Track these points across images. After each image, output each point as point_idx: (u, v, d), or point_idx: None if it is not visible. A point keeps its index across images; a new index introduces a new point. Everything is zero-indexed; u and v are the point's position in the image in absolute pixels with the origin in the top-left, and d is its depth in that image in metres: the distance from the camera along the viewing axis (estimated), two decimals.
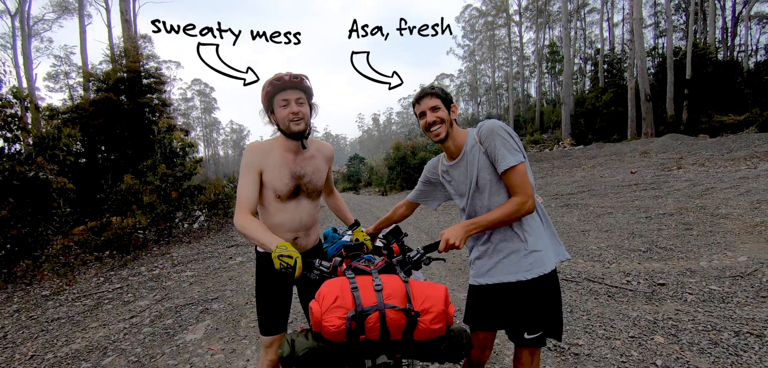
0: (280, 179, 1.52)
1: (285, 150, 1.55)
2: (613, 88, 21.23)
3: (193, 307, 3.76)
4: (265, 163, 1.51)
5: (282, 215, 1.56)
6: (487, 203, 1.44)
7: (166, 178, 8.22)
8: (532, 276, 1.39)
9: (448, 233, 1.35)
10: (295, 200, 1.58)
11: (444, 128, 1.44)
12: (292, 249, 1.22)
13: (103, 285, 4.87)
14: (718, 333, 2.45)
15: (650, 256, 4.23)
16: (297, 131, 1.49)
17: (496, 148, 1.36)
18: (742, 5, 25.06)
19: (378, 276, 1.17)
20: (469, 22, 42.58)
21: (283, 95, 1.48)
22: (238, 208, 1.45)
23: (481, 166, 1.42)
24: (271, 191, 1.53)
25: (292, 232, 1.59)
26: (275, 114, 1.51)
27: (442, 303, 1.11)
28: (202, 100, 57.60)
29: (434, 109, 1.44)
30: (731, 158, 10.69)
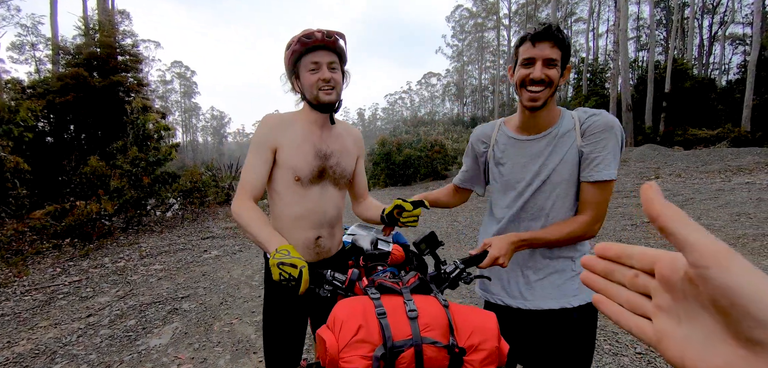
0: (303, 157, 1.23)
1: (310, 122, 1.27)
2: (595, 97, 21.73)
3: (160, 306, 3.40)
4: (282, 138, 1.22)
5: (303, 204, 1.25)
6: (545, 207, 1.13)
7: (137, 162, 7.68)
8: (579, 302, 1.11)
9: (497, 249, 1.06)
10: (319, 185, 1.28)
11: (547, 93, 1.06)
12: (296, 255, 0.95)
13: (59, 277, 4.41)
14: None
15: None
16: (327, 101, 1.21)
17: (605, 149, 1.04)
18: (718, 26, 26.16)
19: (411, 297, 0.89)
20: (459, 22, 42.75)
21: (312, 56, 1.19)
22: (239, 192, 1.19)
23: (567, 159, 1.09)
24: (290, 173, 1.23)
25: (315, 228, 1.28)
26: (301, 80, 1.23)
27: (495, 337, 0.86)
28: (183, 83, 55.51)
29: (549, 62, 1.03)
30: (706, 171, 11.02)
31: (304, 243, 1.27)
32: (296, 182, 1.23)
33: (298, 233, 1.26)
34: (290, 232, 1.26)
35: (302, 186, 1.24)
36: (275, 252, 0.95)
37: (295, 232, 1.26)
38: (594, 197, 1.07)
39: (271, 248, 0.99)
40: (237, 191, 1.20)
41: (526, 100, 1.07)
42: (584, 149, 1.07)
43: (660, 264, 0.28)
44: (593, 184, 1.06)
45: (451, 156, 17.86)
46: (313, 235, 1.28)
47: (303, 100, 1.28)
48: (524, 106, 1.09)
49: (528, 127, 1.16)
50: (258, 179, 1.20)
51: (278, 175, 1.25)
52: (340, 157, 1.31)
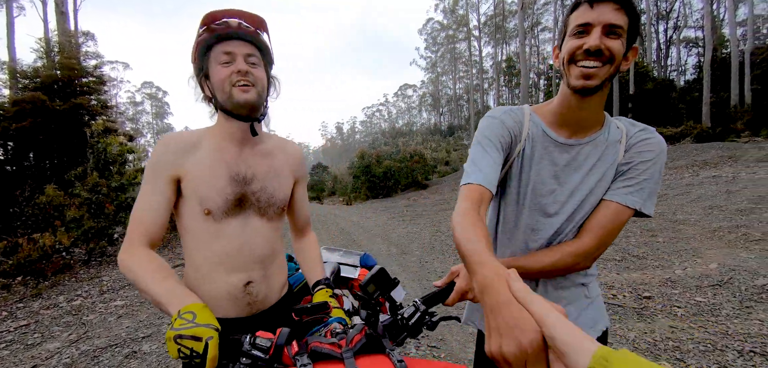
0: (213, 184, 0.94)
1: (222, 139, 0.98)
2: None
3: (118, 349, 3.04)
4: (186, 163, 0.93)
5: (220, 243, 0.95)
6: (563, 230, 0.90)
7: (98, 188, 7.16)
8: (597, 334, 0.94)
9: (464, 280, 0.86)
10: (238, 217, 0.97)
11: (606, 72, 0.78)
12: (205, 320, 0.72)
13: (4, 323, 3.93)
14: (723, 353, 2.27)
15: (627, 266, 4.14)
16: (244, 101, 0.92)
17: (645, 174, 0.84)
18: (672, 30, 27.84)
19: (354, 361, 0.69)
20: (431, 34, 43.65)
21: (225, 45, 0.92)
22: (128, 237, 0.91)
23: (608, 177, 0.87)
24: (197, 205, 0.94)
25: (240, 271, 0.98)
26: (211, 78, 0.94)
27: None
28: (154, 104, 53.69)
29: (612, 30, 0.76)
30: (674, 167, 11.46)
31: (229, 293, 0.97)
32: (207, 217, 0.94)
33: (218, 281, 0.96)
34: (209, 280, 0.97)
35: (215, 221, 0.94)
36: (176, 318, 0.71)
37: (215, 279, 0.96)
38: (605, 220, 0.84)
39: (172, 310, 0.75)
40: (126, 236, 0.91)
41: (576, 77, 0.79)
42: (623, 168, 0.86)
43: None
44: (611, 204, 0.85)
45: (430, 165, 17.91)
46: (240, 280, 0.98)
47: (216, 109, 0.99)
48: (572, 87, 0.81)
49: (569, 124, 0.88)
50: (154, 218, 0.91)
51: (185, 209, 0.96)
52: (266, 180, 1.02)
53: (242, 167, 0.98)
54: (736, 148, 11.59)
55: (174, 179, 0.93)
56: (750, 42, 16.50)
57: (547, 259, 0.86)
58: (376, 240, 7.13)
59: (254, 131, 0.99)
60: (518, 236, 0.94)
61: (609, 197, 0.86)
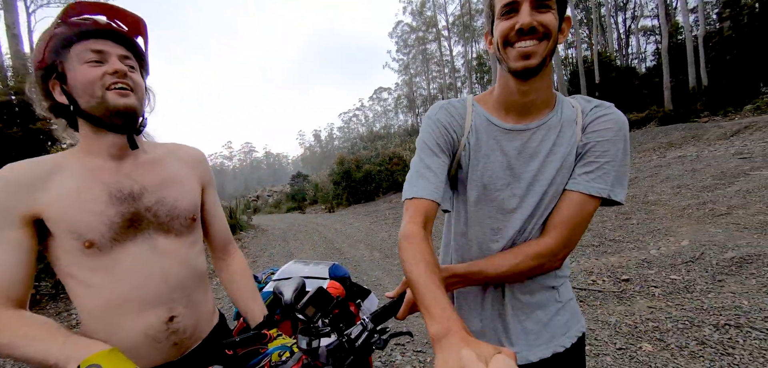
0: (87, 209, 0.75)
1: (93, 156, 0.81)
2: None
3: None
4: (41, 196, 0.74)
5: (119, 279, 0.77)
6: (526, 228, 0.82)
7: None
8: (572, 340, 0.86)
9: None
10: (135, 241, 0.80)
11: (545, 48, 0.72)
12: (118, 366, 0.62)
13: None
14: (700, 329, 2.32)
15: (604, 250, 4.23)
16: (123, 106, 0.77)
17: (609, 155, 0.76)
18: (630, 20, 29.22)
19: None
20: (402, 37, 44.00)
21: (92, 43, 0.76)
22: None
23: (568, 163, 0.78)
24: (72, 240, 0.74)
25: (155, 306, 0.80)
26: (70, 82, 0.76)
27: None
28: None
29: (541, 4, 0.70)
30: (643, 150, 11.94)
31: (148, 335, 0.80)
32: (89, 250, 0.75)
33: (130, 325, 0.78)
34: (117, 327, 0.78)
35: (103, 253, 0.76)
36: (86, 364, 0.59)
37: (125, 323, 0.78)
38: (569, 213, 0.77)
39: (73, 365, 0.62)
40: None
41: (515, 59, 0.72)
42: (581, 151, 0.79)
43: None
44: (575, 194, 0.77)
45: (409, 167, 17.99)
46: (160, 318, 0.80)
47: (76, 118, 0.81)
48: (513, 70, 0.74)
49: (514, 109, 0.80)
50: (11, 274, 0.71)
51: (59, 251, 0.76)
52: (162, 190, 0.86)
53: (126, 183, 0.81)
54: (698, 128, 12.20)
55: (28, 219, 0.73)
56: (702, 27, 17.48)
57: (507, 262, 0.78)
58: (359, 246, 7.03)
59: (134, 143, 0.83)
60: (477, 238, 0.86)
61: (571, 187, 0.78)
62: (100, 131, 0.80)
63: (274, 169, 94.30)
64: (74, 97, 0.77)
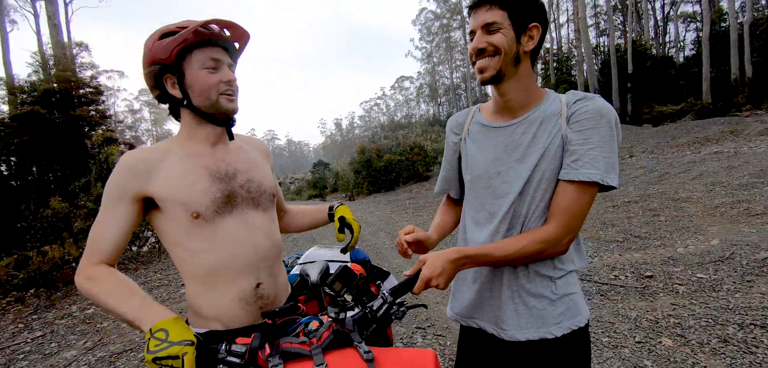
0: (193, 187, 0.91)
1: (194, 144, 0.97)
2: (564, 85, 22.38)
3: (133, 354, 3.12)
4: (153, 180, 0.89)
5: (219, 247, 0.92)
6: (521, 212, 0.91)
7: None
8: (564, 331, 0.90)
9: (429, 269, 0.85)
10: (232, 215, 0.94)
11: (495, 63, 0.88)
12: (180, 334, 0.73)
13: (21, 334, 4.02)
14: (723, 327, 2.32)
15: (629, 246, 4.18)
16: (231, 109, 0.95)
17: (588, 142, 0.84)
18: (669, 6, 27.55)
19: (323, 357, 0.73)
20: (425, 24, 43.32)
21: (210, 51, 0.90)
22: (85, 258, 0.88)
23: (550, 152, 0.88)
24: (183, 212, 0.89)
25: (248, 273, 0.95)
26: (188, 81, 0.91)
27: None
28: (152, 111, 53.62)
29: (489, 28, 0.87)
30: (676, 145, 11.44)
31: (240, 299, 0.94)
32: (196, 221, 0.90)
33: (226, 289, 0.93)
34: (215, 290, 0.93)
35: (207, 223, 0.91)
36: (150, 338, 0.72)
37: (222, 289, 0.93)
38: (566, 202, 0.85)
39: (145, 326, 0.75)
40: (83, 257, 0.88)
41: (477, 73, 0.92)
42: (569, 136, 0.87)
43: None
44: (569, 184, 0.85)
45: (431, 157, 17.91)
46: (250, 284, 0.95)
47: (182, 109, 0.96)
48: (479, 81, 0.94)
49: (502, 110, 0.96)
50: (113, 239, 0.87)
51: (169, 223, 0.91)
52: (250, 172, 1.01)
53: (221, 165, 0.97)
54: (738, 122, 11.54)
55: (139, 198, 0.89)
56: (749, 13, 16.32)
57: (513, 247, 0.87)
58: (380, 234, 7.19)
59: (231, 135, 1.01)
60: (474, 219, 1.00)
61: (563, 177, 0.86)
62: (202, 122, 0.96)
63: (296, 157, 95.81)
64: (188, 93, 0.92)
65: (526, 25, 0.88)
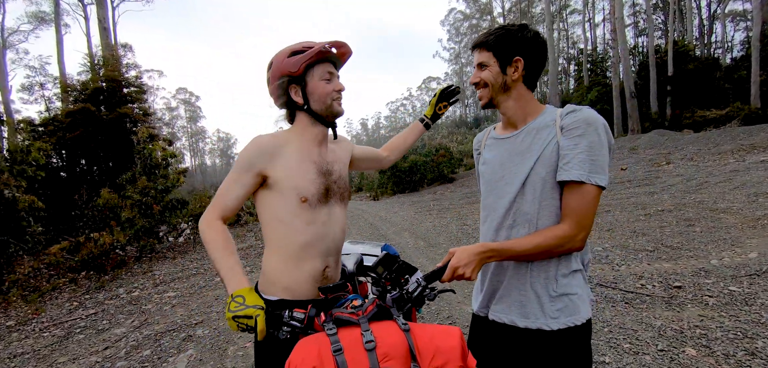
0: (306, 176, 1.12)
1: (307, 140, 1.17)
2: (598, 88, 21.52)
3: (175, 334, 3.41)
4: (275, 162, 1.10)
5: (313, 229, 1.12)
6: (529, 212, 1.02)
7: (146, 191, 7.78)
8: (559, 325, 0.99)
9: (457, 259, 0.98)
10: (326, 206, 1.16)
11: (487, 93, 1.09)
12: (254, 300, 0.92)
13: (76, 311, 4.46)
14: (753, 341, 2.27)
15: (659, 256, 4.07)
16: (340, 112, 1.18)
17: (577, 148, 0.96)
18: (716, 4, 25.84)
19: (368, 325, 0.87)
20: (454, 25, 42.91)
21: (327, 66, 1.14)
22: (211, 207, 1.11)
23: (545, 156, 1.00)
24: (294, 195, 1.10)
25: (323, 256, 1.15)
26: (309, 89, 1.13)
27: (458, 356, 0.82)
28: (188, 109, 56.36)
29: (480, 66, 1.09)
30: (718, 152, 10.80)
31: (311, 276, 1.14)
32: (303, 205, 1.11)
33: (305, 265, 1.13)
34: (296, 264, 1.13)
35: (310, 209, 1.12)
36: (230, 301, 0.91)
37: (302, 263, 1.13)
38: (573, 203, 0.96)
39: (229, 289, 0.96)
40: (209, 206, 1.12)
41: (480, 101, 1.14)
42: (563, 144, 0.99)
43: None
44: (567, 186, 0.97)
45: (456, 159, 17.80)
46: (321, 265, 1.15)
47: (299, 112, 1.18)
48: (481, 108, 1.19)
49: (505, 125, 1.16)
50: (233, 200, 1.11)
51: (279, 202, 1.11)
52: (341, 170, 1.24)
53: (324, 163, 1.17)
54: None
55: (260, 174, 1.10)
56: None
57: (533, 241, 0.98)
58: (404, 234, 7.30)
59: (336, 134, 1.24)
60: (486, 220, 1.16)
61: (558, 178, 0.99)
62: (315, 123, 1.17)
63: None
64: (309, 99, 1.14)
65: (511, 59, 1.05)
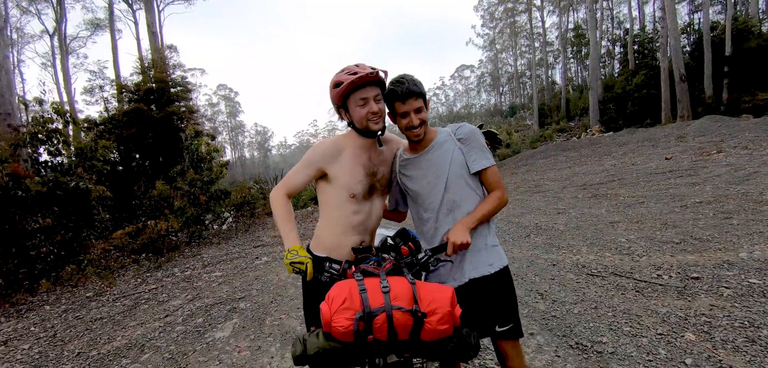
0: (355, 178, 1.46)
1: (358, 147, 1.49)
2: (644, 71, 20.15)
3: (222, 306, 3.93)
4: (331, 164, 1.46)
5: (357, 216, 1.50)
6: (456, 199, 1.44)
7: (194, 183, 8.59)
8: (495, 269, 1.44)
9: (453, 235, 1.33)
10: (370, 201, 1.52)
11: (424, 128, 1.44)
12: (303, 253, 1.31)
13: (140, 286, 5.18)
14: (757, 329, 2.31)
15: (684, 248, 4.01)
16: (377, 130, 1.45)
17: (474, 148, 1.44)
18: None
19: (386, 277, 1.18)
20: (488, 10, 41.59)
21: (360, 93, 1.40)
22: (281, 184, 1.50)
23: (455, 159, 1.44)
24: (344, 191, 1.46)
25: (361, 234, 1.52)
26: (350, 112, 1.43)
27: (449, 304, 1.12)
28: (228, 104, 59.41)
29: (418, 110, 1.39)
30: None
31: (350, 246, 1.48)
32: (351, 198, 1.47)
33: (347, 239, 1.49)
34: (340, 237, 1.50)
35: (357, 202, 1.48)
36: (287, 252, 1.31)
37: (345, 238, 1.49)
38: (491, 179, 1.45)
39: (286, 246, 1.36)
40: (280, 182, 1.51)
41: (412, 138, 1.45)
42: (464, 150, 1.44)
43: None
44: (484, 171, 1.44)
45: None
46: (359, 240, 1.52)
47: (350, 126, 1.50)
48: (410, 139, 1.48)
49: (417, 148, 1.50)
50: (297, 184, 1.49)
51: (333, 192, 1.49)
52: (385, 170, 1.56)
53: (371, 165, 1.51)
54: None
55: (320, 170, 1.48)
56: None
57: (491, 204, 1.43)
58: None
59: (381, 143, 1.52)
60: (423, 216, 1.53)
61: (482, 167, 1.43)
62: (361, 136, 1.49)
63: None
64: (352, 120, 1.46)
65: (426, 101, 1.44)
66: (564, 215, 6.40)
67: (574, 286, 3.39)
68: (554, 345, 2.44)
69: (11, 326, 4.12)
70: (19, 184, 5.74)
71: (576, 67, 37.93)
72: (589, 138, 18.84)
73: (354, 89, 1.39)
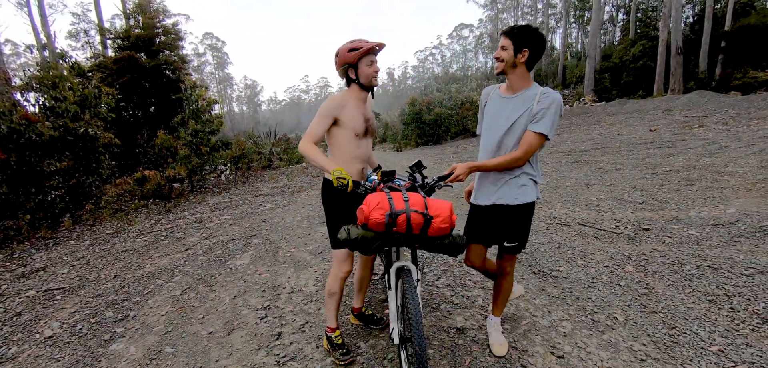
0: (358, 122, 1.94)
1: (358, 99, 1.97)
2: (643, 41, 20.18)
3: (237, 242, 4.43)
4: (341, 112, 1.91)
5: (359, 150, 2.01)
6: (507, 145, 1.80)
7: (196, 133, 8.86)
8: (517, 202, 1.84)
9: (458, 168, 1.78)
10: (365, 138, 2.03)
11: (501, 66, 1.78)
12: (345, 172, 1.75)
13: (155, 226, 5.64)
14: (681, 265, 2.88)
15: (644, 207, 4.57)
16: (376, 84, 1.96)
17: (547, 113, 1.70)
18: None
19: (406, 192, 1.68)
20: None
21: (371, 56, 1.91)
22: (307, 136, 1.90)
23: (524, 114, 1.75)
24: (351, 132, 1.94)
25: (362, 162, 2.05)
26: (359, 69, 1.90)
27: (448, 211, 1.61)
28: (215, 55, 57.49)
29: (502, 48, 1.75)
30: (758, 117, 10.43)
31: (357, 171, 2.04)
32: (355, 137, 1.98)
33: (353, 166, 2.02)
34: (349, 165, 2.00)
35: (358, 139, 1.99)
36: (334, 170, 1.76)
37: (352, 165, 2.01)
38: (529, 141, 1.73)
39: (331, 169, 1.79)
40: (304, 136, 1.92)
41: (497, 68, 1.82)
42: (535, 110, 1.72)
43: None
44: (533, 132, 1.72)
45: None
46: (360, 167, 2.07)
47: (352, 83, 1.96)
48: (495, 73, 1.84)
49: (507, 89, 1.85)
50: (319, 132, 1.91)
51: (342, 134, 1.96)
52: (372, 118, 2.09)
53: (367, 113, 2.02)
54: None
55: (334, 118, 1.92)
56: None
57: (498, 161, 1.79)
58: None
59: (373, 94, 2.06)
60: (487, 147, 1.90)
61: (537, 131, 1.71)
62: (362, 90, 1.97)
63: None
64: (358, 76, 1.93)
65: (521, 48, 1.72)
66: (546, 178, 6.94)
67: (544, 232, 3.95)
68: (521, 271, 3.00)
69: (44, 256, 4.59)
70: (33, 128, 5.99)
71: (577, 34, 37.41)
72: (581, 107, 19.17)
73: (368, 53, 1.91)
